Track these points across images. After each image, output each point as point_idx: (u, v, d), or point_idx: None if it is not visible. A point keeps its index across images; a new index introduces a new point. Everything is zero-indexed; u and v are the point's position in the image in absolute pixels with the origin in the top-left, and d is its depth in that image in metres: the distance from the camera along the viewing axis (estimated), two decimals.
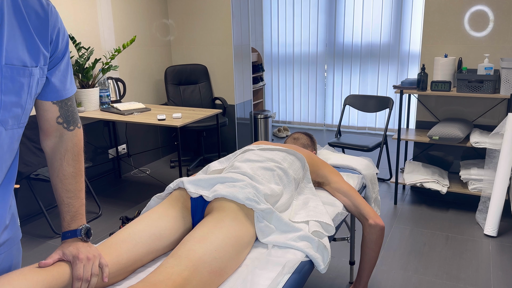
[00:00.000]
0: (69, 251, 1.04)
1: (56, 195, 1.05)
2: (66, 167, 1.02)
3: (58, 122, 0.98)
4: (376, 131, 5.47)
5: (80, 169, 1.05)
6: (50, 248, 2.70)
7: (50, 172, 1.03)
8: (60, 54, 0.93)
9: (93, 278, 1.05)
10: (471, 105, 3.32)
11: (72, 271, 1.03)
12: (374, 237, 1.75)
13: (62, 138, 1.01)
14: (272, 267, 1.27)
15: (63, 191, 1.03)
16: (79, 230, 1.06)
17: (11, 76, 0.81)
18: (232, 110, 4.34)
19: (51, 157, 1.02)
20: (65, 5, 3.28)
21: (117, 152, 3.93)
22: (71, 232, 1.05)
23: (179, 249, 1.18)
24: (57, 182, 1.03)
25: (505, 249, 2.58)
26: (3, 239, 0.93)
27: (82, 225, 1.07)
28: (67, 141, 1.01)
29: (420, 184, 3.17)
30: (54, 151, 1.01)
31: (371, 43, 5.20)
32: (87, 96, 3.32)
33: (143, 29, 4.11)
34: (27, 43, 0.84)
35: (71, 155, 1.02)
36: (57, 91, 0.94)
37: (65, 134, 1.01)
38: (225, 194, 1.39)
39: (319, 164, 1.88)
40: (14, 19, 0.82)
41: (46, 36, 0.88)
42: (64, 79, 0.95)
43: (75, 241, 1.05)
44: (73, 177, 1.03)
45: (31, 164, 2.86)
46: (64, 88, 0.96)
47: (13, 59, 0.81)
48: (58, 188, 1.03)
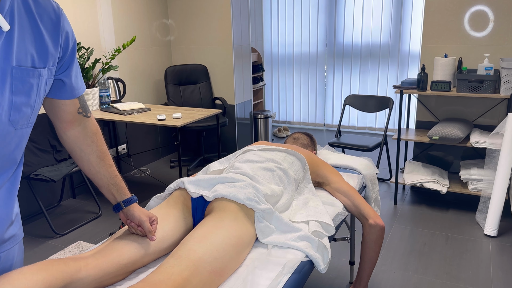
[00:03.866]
0: (136, 215, 1.20)
1: (97, 177, 1.13)
2: (102, 146, 1.12)
3: (79, 112, 1.06)
4: (376, 131, 5.48)
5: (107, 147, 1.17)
6: (50, 248, 2.70)
7: (80, 157, 1.10)
8: (72, 56, 0.97)
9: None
10: (471, 105, 3.32)
11: (145, 228, 1.21)
12: (374, 237, 1.75)
13: (84, 124, 1.09)
14: (272, 267, 1.27)
15: (106, 167, 1.13)
16: (134, 197, 1.21)
17: (21, 77, 0.82)
18: (232, 110, 4.34)
19: (79, 143, 1.09)
20: (65, 5, 3.29)
21: (117, 152, 3.93)
22: (127, 200, 1.18)
23: (180, 249, 1.19)
24: (97, 162, 1.11)
25: (505, 249, 2.58)
26: (9, 235, 0.95)
27: (133, 194, 1.21)
28: (90, 125, 1.10)
29: (420, 184, 3.17)
30: (81, 137, 1.09)
31: (371, 43, 5.20)
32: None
33: (143, 29, 4.11)
34: (37, 44, 0.85)
35: (100, 136, 1.12)
36: (78, 88, 1.03)
37: (85, 121, 1.09)
38: (225, 194, 1.39)
39: (319, 164, 1.88)
40: (25, 21, 0.83)
41: (57, 39, 0.90)
42: (80, 77, 1.04)
43: (134, 207, 1.20)
44: (108, 153, 1.14)
45: (31, 164, 2.86)
46: (82, 84, 1.05)
47: (22, 61, 0.82)
48: (101, 168, 1.12)
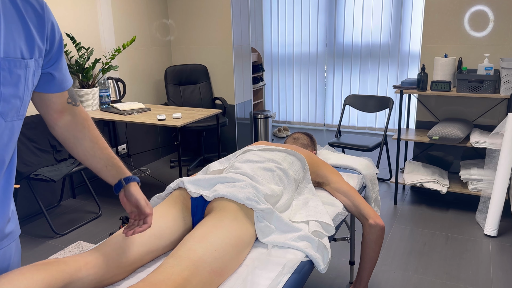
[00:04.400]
0: (133, 193, 1.15)
1: (94, 161, 1.13)
2: (93, 131, 1.13)
3: (68, 102, 1.08)
4: (376, 131, 5.47)
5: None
6: (50, 248, 2.70)
7: (74, 145, 1.11)
8: (59, 48, 0.97)
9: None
10: (471, 105, 3.32)
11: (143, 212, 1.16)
12: (374, 237, 1.75)
13: (74, 113, 1.10)
14: (272, 267, 1.27)
15: (101, 149, 1.13)
16: (136, 177, 1.18)
17: (9, 68, 0.83)
18: (232, 110, 4.34)
19: (70, 130, 1.10)
20: (65, 5, 3.28)
21: (117, 152, 3.93)
22: (128, 178, 1.16)
23: (179, 249, 1.18)
24: (91, 147, 1.12)
25: (505, 249, 2.58)
26: (7, 231, 0.95)
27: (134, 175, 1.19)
28: (81, 113, 1.11)
29: (420, 184, 3.17)
30: (72, 125, 1.10)
31: (371, 43, 5.20)
32: (87, 96, 3.32)
33: (143, 29, 4.11)
34: (23, 35, 0.86)
35: (90, 121, 1.13)
36: (67, 81, 1.04)
37: (75, 109, 1.11)
38: (225, 194, 1.39)
39: (319, 164, 1.88)
40: (10, 12, 0.84)
41: (43, 30, 0.91)
42: (67, 70, 1.05)
43: (134, 185, 1.17)
44: (101, 137, 1.15)
45: (31, 164, 2.86)
46: (69, 76, 1.06)
47: (10, 52, 0.83)
48: (96, 151, 1.12)
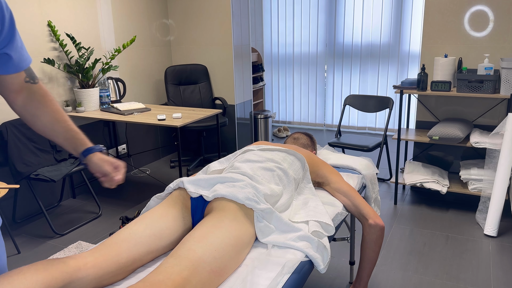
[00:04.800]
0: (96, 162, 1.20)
1: (54, 135, 1.15)
2: (52, 106, 1.14)
3: (26, 81, 1.10)
4: (376, 131, 5.47)
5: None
6: (50, 248, 2.70)
7: (34, 122, 1.13)
8: (11, 27, 0.98)
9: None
10: (471, 105, 3.32)
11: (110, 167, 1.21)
12: (374, 237, 1.75)
13: (32, 90, 1.12)
14: (272, 267, 1.27)
15: (60, 123, 1.15)
16: (98, 146, 1.22)
17: None
18: (232, 110, 4.34)
19: (29, 108, 1.12)
20: (65, 5, 3.29)
21: (117, 152, 3.93)
22: (87, 150, 1.19)
23: (179, 249, 1.18)
24: (50, 122, 1.13)
25: (505, 249, 2.58)
26: None
27: (96, 144, 1.23)
28: (39, 89, 1.13)
29: (420, 184, 3.17)
30: (29, 101, 1.12)
31: (371, 43, 5.20)
32: (87, 96, 3.32)
33: (143, 29, 4.11)
34: None
35: (49, 97, 1.15)
36: (24, 60, 1.06)
37: (33, 87, 1.12)
38: (225, 194, 1.39)
39: (319, 164, 1.88)
40: None
41: None
42: (24, 48, 1.06)
43: (95, 156, 1.21)
44: (62, 111, 1.17)
45: (31, 164, 2.86)
46: (27, 55, 1.07)
47: None
48: (55, 125, 1.14)
